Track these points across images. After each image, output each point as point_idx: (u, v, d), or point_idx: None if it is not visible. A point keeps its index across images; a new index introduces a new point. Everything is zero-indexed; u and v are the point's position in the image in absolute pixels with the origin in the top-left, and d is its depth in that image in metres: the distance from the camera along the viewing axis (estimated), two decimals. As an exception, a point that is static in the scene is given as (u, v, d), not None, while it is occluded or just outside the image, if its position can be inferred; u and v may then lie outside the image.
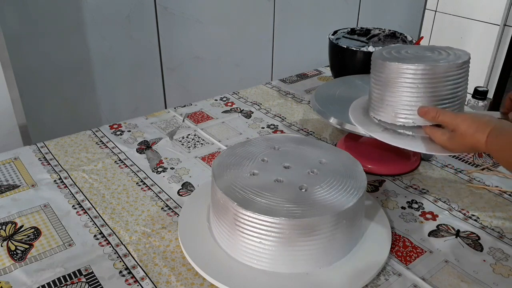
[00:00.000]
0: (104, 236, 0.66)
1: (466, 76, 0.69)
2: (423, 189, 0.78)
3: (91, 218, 0.69)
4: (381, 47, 0.75)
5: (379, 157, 0.85)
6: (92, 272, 0.60)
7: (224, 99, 1.11)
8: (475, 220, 0.71)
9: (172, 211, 0.72)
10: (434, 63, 0.66)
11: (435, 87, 0.66)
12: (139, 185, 0.78)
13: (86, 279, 0.59)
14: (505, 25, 1.97)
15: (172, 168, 0.83)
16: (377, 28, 1.16)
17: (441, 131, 0.66)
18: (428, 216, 0.72)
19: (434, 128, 0.67)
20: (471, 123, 0.61)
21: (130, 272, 0.60)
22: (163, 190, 0.77)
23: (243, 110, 1.06)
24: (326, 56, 1.11)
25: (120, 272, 0.60)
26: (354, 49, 1.02)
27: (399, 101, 0.68)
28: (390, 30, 1.14)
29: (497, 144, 0.58)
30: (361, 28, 1.17)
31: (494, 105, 2.00)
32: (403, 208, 0.73)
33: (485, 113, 0.69)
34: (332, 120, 0.79)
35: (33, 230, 0.67)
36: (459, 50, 0.71)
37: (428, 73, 0.65)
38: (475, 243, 0.66)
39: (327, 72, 1.29)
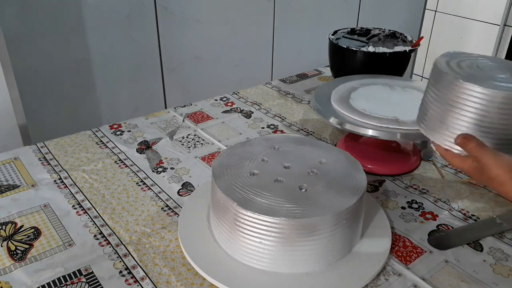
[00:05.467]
0: (104, 236, 0.66)
1: None
2: (423, 189, 0.78)
3: (91, 218, 0.69)
4: (443, 54, 0.64)
5: (379, 157, 0.85)
6: (92, 272, 0.60)
7: (224, 99, 1.11)
8: (475, 220, 0.71)
9: (172, 211, 0.72)
10: None
11: (508, 119, 0.56)
12: (139, 185, 0.78)
13: (86, 279, 0.59)
14: (505, 25, 1.97)
15: (172, 168, 0.83)
16: (377, 28, 1.16)
17: (464, 157, 0.59)
18: (428, 216, 0.72)
19: (453, 152, 0.61)
20: (504, 172, 0.55)
21: (130, 272, 0.60)
22: (163, 190, 0.77)
23: (243, 110, 1.06)
24: (326, 56, 1.11)
25: (120, 272, 0.60)
26: (354, 49, 1.02)
27: (461, 128, 0.59)
28: (390, 30, 1.14)
29: None
30: (361, 28, 1.17)
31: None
32: (403, 208, 0.73)
33: None
34: (332, 120, 0.79)
35: (33, 230, 0.67)
36: None
37: (508, 102, 0.55)
38: (475, 243, 0.66)
39: (327, 72, 1.29)
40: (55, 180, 0.78)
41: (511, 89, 0.55)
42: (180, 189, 0.77)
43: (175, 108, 1.05)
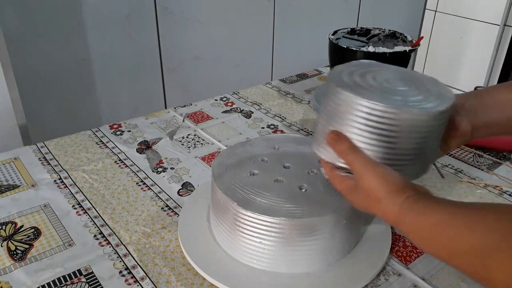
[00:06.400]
0: (104, 236, 0.66)
1: (442, 127, 0.52)
2: (423, 189, 0.78)
3: (91, 218, 0.69)
4: (349, 63, 0.58)
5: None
6: (92, 272, 0.60)
7: (224, 99, 1.11)
8: (475, 220, 0.71)
9: (172, 211, 0.72)
10: (401, 106, 0.48)
11: (395, 137, 0.49)
12: (139, 185, 0.78)
13: (86, 279, 0.59)
14: (505, 25, 1.97)
15: (172, 168, 0.83)
16: (377, 28, 1.16)
17: (344, 176, 0.51)
18: (428, 216, 0.72)
19: (336, 171, 0.52)
20: (379, 184, 0.46)
21: (130, 272, 0.60)
22: (163, 190, 0.76)
23: (243, 110, 1.06)
24: (326, 56, 1.11)
25: (120, 272, 0.60)
26: (354, 49, 1.02)
27: None
28: (390, 30, 1.14)
29: (413, 222, 0.44)
30: (361, 28, 1.17)
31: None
32: (403, 208, 0.73)
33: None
34: (332, 120, 0.79)
35: (33, 230, 0.67)
36: (443, 89, 0.53)
37: (390, 117, 0.48)
38: (475, 243, 0.66)
39: (327, 72, 1.29)
40: (55, 180, 0.78)
41: (395, 101, 0.48)
42: (180, 189, 0.77)
43: (175, 108, 1.05)
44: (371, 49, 1.05)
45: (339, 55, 1.07)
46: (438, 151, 0.56)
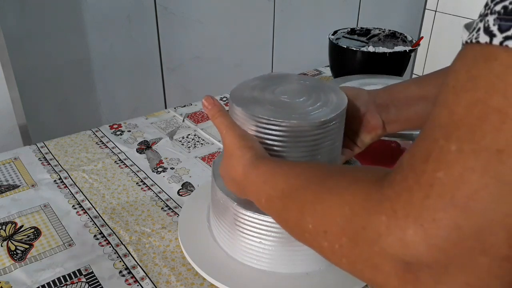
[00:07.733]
0: (104, 236, 0.66)
1: (334, 133, 0.54)
2: (423, 189, 0.78)
3: (91, 218, 0.69)
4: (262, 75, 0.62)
5: (379, 157, 0.85)
6: (92, 272, 0.60)
7: (224, 99, 1.11)
8: (475, 220, 0.71)
9: (172, 211, 0.72)
10: (284, 118, 0.51)
11: (282, 146, 0.52)
12: (139, 185, 0.78)
13: (86, 279, 0.59)
14: (505, 25, 1.96)
15: (172, 168, 0.83)
16: (377, 28, 1.16)
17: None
18: (428, 216, 0.71)
19: None
20: (234, 139, 0.49)
21: (130, 272, 0.60)
22: (163, 190, 0.77)
23: (243, 110, 1.05)
24: (326, 56, 1.11)
25: (120, 272, 0.60)
26: (354, 49, 1.02)
27: None
28: (390, 30, 1.14)
29: (251, 173, 0.46)
30: (361, 28, 1.17)
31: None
32: (403, 208, 0.73)
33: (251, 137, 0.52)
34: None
35: (33, 230, 0.67)
36: (338, 98, 0.56)
37: (274, 129, 0.51)
38: (475, 243, 0.66)
39: (327, 72, 1.29)
40: (55, 180, 0.78)
41: (281, 114, 0.51)
42: (180, 189, 0.77)
43: (175, 108, 1.05)
44: (371, 49, 1.05)
45: (339, 55, 1.07)
46: (353, 148, 0.61)
